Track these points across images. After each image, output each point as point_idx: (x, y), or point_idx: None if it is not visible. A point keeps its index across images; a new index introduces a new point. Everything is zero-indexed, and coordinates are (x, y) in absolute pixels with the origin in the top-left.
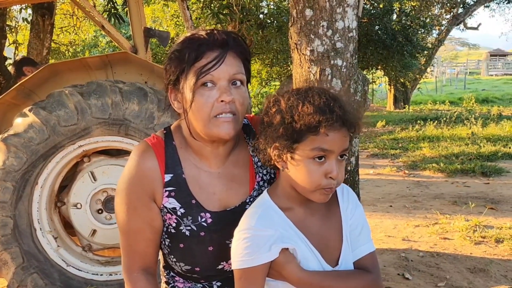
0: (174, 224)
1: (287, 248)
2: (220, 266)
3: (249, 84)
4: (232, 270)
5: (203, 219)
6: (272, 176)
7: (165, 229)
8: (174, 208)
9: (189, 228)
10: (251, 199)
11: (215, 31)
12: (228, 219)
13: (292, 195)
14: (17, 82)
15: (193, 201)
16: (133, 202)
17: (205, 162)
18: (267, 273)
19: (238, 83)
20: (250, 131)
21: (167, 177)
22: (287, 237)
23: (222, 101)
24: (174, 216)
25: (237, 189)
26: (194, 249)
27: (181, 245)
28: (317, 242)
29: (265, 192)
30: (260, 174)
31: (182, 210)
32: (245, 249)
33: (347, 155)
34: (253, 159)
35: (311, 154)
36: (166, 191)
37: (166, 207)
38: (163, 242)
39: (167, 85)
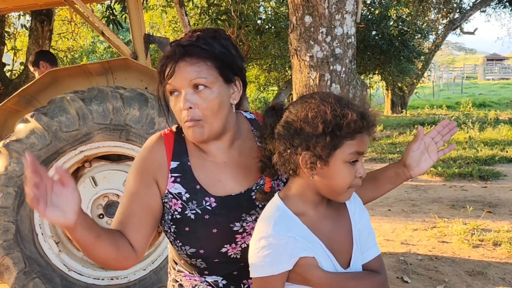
0: (179, 210)
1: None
2: (224, 250)
3: (237, 81)
4: (236, 260)
5: (208, 203)
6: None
7: (170, 216)
8: (180, 193)
9: (194, 211)
10: (257, 187)
11: (172, 43)
12: (233, 204)
13: (309, 200)
14: (31, 71)
15: (198, 187)
16: (138, 169)
17: (209, 155)
18: (287, 278)
19: (201, 87)
20: (258, 125)
21: (173, 164)
22: (305, 244)
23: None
24: (179, 201)
25: (244, 177)
26: (198, 231)
27: (187, 229)
28: (330, 244)
29: (277, 197)
30: None
31: (187, 195)
32: (264, 258)
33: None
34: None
35: (348, 158)
36: (172, 176)
37: (171, 192)
38: (169, 231)
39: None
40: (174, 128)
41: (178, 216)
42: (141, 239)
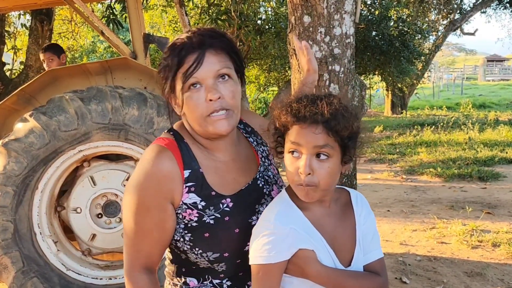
0: (195, 218)
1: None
2: (246, 248)
3: (244, 77)
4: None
5: (225, 205)
6: (267, 152)
7: (183, 225)
8: (195, 202)
9: (213, 217)
10: (260, 174)
11: (195, 33)
12: (246, 198)
13: None
14: (41, 59)
15: (213, 193)
16: (148, 203)
17: (217, 153)
18: (286, 269)
19: (226, 77)
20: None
21: (186, 173)
22: (305, 237)
23: (210, 100)
24: (195, 211)
25: (250, 169)
26: (220, 235)
27: (206, 235)
28: (332, 242)
29: (283, 190)
30: (260, 152)
31: (203, 203)
32: (264, 245)
33: (327, 155)
34: (249, 140)
35: (287, 147)
36: (186, 187)
37: (185, 203)
38: (182, 240)
39: (166, 93)
40: (167, 135)
41: (194, 224)
42: (160, 258)
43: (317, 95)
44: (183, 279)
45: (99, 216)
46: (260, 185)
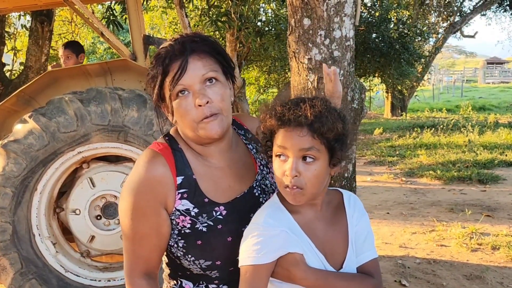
0: (188, 225)
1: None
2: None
3: (235, 79)
4: None
5: (218, 213)
6: (267, 160)
7: (177, 232)
8: (188, 209)
9: (206, 224)
10: (257, 183)
11: (177, 40)
12: (241, 206)
13: None
14: (59, 55)
15: (206, 200)
16: (142, 208)
17: (212, 159)
18: (273, 273)
19: (213, 80)
20: (237, 123)
21: (179, 179)
22: (295, 240)
23: (199, 105)
24: (188, 218)
25: (247, 176)
26: (213, 242)
27: (199, 242)
28: (322, 245)
29: (275, 194)
30: (258, 159)
31: (195, 210)
32: (253, 246)
33: (314, 157)
34: (248, 146)
35: (275, 150)
36: (178, 193)
37: (178, 210)
38: (175, 245)
39: (156, 102)
40: (162, 140)
41: (187, 231)
42: (159, 263)
43: (301, 97)
44: (179, 282)
45: (98, 217)
46: (257, 194)
